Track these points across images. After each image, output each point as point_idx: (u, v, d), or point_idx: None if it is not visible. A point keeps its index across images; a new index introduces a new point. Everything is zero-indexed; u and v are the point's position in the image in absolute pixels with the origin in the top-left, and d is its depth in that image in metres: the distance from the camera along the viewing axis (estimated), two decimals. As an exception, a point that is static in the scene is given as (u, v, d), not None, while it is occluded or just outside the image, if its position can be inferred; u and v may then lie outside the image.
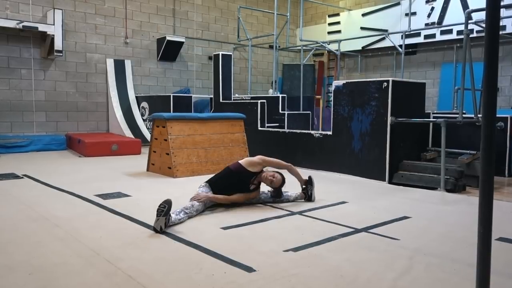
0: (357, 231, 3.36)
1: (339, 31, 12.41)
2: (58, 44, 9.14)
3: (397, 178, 5.60)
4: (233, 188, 4.07)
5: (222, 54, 8.81)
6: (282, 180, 4.19)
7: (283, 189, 4.29)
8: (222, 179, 4.16)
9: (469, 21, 5.55)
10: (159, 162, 6.11)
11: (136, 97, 10.66)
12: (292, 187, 4.41)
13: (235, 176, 4.10)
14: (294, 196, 4.38)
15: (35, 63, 9.44)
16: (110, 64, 10.44)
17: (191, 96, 10.19)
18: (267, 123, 7.83)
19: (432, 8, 10.36)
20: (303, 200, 4.40)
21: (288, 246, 2.93)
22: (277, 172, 4.24)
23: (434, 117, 6.23)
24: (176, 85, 11.67)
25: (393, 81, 5.59)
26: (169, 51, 11.11)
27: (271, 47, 12.34)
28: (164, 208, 3.21)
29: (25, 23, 8.80)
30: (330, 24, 12.79)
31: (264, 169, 4.27)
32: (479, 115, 5.32)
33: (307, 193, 4.40)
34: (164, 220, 3.22)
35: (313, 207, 4.13)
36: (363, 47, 11.96)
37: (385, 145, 5.60)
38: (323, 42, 11.82)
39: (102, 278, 2.39)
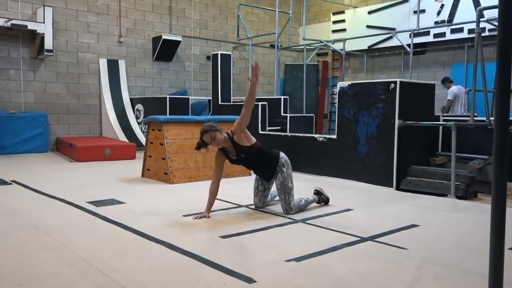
0: (363, 240, 3.36)
1: (344, 30, 12.46)
2: (48, 43, 9.17)
3: (405, 184, 5.61)
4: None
5: (221, 54, 8.85)
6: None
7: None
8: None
9: (481, 19, 5.58)
10: (154, 168, 6.12)
11: (131, 99, 10.68)
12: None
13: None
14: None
15: (24, 63, 9.48)
16: (103, 64, 10.47)
17: (188, 98, 10.23)
18: (268, 126, 7.85)
19: (442, 6, 10.39)
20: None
21: (290, 256, 2.93)
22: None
23: (444, 120, 6.24)
24: (173, 86, 11.70)
25: (400, 82, 5.61)
26: (165, 51, 11.14)
27: (272, 46, 12.39)
28: None
29: (14, 21, 8.84)
30: (334, 22, 12.84)
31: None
32: (491, 118, 5.33)
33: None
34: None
35: (317, 214, 4.14)
36: (369, 47, 12.00)
37: (393, 149, 5.61)
38: (327, 41, 11.85)
39: (95, 289, 2.40)
